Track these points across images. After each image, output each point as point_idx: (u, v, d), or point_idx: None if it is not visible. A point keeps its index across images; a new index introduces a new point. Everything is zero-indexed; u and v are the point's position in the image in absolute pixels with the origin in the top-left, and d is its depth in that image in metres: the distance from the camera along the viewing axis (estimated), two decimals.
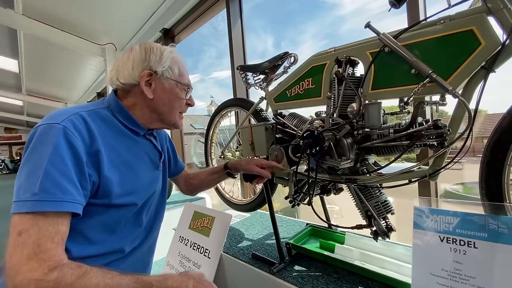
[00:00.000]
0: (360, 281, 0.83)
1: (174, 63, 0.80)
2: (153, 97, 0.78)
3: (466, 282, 0.63)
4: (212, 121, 1.53)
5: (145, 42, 0.83)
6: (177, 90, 0.81)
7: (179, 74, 0.82)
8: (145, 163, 0.82)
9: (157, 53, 0.78)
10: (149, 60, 0.77)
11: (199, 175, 1.13)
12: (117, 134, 0.75)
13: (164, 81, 0.79)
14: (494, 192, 0.65)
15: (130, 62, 0.77)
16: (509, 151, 0.62)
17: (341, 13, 36.49)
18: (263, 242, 1.19)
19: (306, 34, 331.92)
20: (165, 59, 0.78)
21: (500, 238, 0.61)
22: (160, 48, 0.80)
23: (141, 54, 0.78)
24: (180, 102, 0.84)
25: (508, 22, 0.60)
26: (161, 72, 0.77)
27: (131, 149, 0.78)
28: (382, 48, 0.75)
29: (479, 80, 0.65)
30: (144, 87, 0.76)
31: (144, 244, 0.85)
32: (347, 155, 0.78)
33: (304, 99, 0.99)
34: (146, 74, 0.76)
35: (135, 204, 0.76)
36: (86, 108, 0.71)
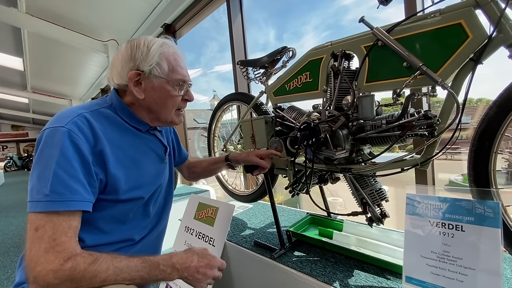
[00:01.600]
0: (356, 264, 0.88)
1: (163, 59, 0.75)
2: (144, 97, 0.76)
3: (453, 263, 0.67)
4: (214, 115, 1.57)
5: (136, 38, 0.78)
6: (168, 88, 0.77)
7: (171, 69, 0.76)
8: (150, 158, 0.84)
9: (143, 50, 0.74)
10: (135, 58, 0.73)
11: (201, 164, 1.19)
12: (121, 132, 0.76)
13: (153, 79, 0.75)
14: (481, 179, 0.68)
15: (119, 62, 0.75)
16: (495, 139, 0.66)
17: (344, 3, 35.45)
18: (264, 230, 1.24)
19: (308, 25, 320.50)
20: (152, 56, 0.74)
21: (485, 222, 0.65)
22: (148, 43, 0.75)
23: (127, 52, 0.75)
24: (174, 100, 0.79)
25: (495, 15, 0.62)
26: (148, 70, 0.74)
27: (135, 145, 0.79)
28: (376, 42, 0.78)
29: (467, 72, 0.67)
30: (133, 88, 0.74)
31: (153, 232, 0.89)
32: (343, 146, 0.82)
33: (302, 93, 1.02)
34: (133, 75, 0.73)
35: (141, 197, 0.80)
36: (89, 108, 0.72)
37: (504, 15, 0.61)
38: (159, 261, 0.67)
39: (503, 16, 0.61)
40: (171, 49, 0.78)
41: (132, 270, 0.63)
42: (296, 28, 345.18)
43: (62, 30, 3.66)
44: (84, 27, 3.71)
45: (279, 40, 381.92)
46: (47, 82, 6.90)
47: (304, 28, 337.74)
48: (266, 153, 1.02)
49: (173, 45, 0.80)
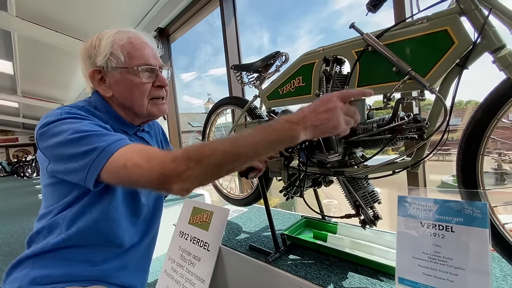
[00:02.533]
0: (350, 266, 0.88)
1: (116, 47, 0.70)
2: (112, 93, 0.73)
3: (444, 263, 0.68)
4: (208, 119, 1.57)
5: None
6: (130, 77, 0.71)
7: (128, 56, 0.70)
8: None
9: (96, 44, 0.70)
10: (90, 55, 0.71)
11: None
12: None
13: (113, 72, 0.70)
14: (469, 180, 0.70)
15: (81, 64, 0.74)
16: (482, 141, 0.68)
17: (336, 7, 35.36)
18: (259, 234, 1.25)
19: (302, 29, 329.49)
20: (104, 47, 0.69)
21: (474, 222, 0.66)
22: (99, 36, 0.72)
23: (83, 52, 0.72)
24: (141, 89, 0.73)
25: (479, 22, 0.64)
26: (104, 63, 0.70)
27: None
28: (366, 48, 0.80)
29: (454, 77, 0.69)
30: (98, 87, 0.72)
31: (145, 239, 0.86)
32: (335, 149, 0.83)
33: (295, 97, 1.03)
34: (91, 73, 0.71)
35: (131, 200, 0.77)
36: (76, 106, 0.70)
37: (488, 22, 0.63)
38: (271, 122, 0.58)
39: (487, 23, 0.63)
40: (125, 34, 0.72)
41: (247, 136, 0.55)
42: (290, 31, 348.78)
43: (53, 33, 3.61)
44: (76, 31, 3.67)
45: (273, 44, 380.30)
46: (38, 86, 6.79)
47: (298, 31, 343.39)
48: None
49: (129, 30, 0.74)
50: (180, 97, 0.91)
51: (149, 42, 0.77)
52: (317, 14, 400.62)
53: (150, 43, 0.78)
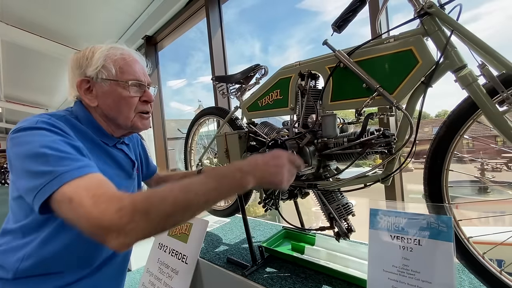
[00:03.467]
0: (325, 279, 0.88)
1: (109, 61, 0.73)
2: (98, 104, 0.74)
3: (412, 276, 0.69)
4: (191, 129, 1.57)
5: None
6: (119, 90, 0.73)
7: (119, 71, 0.73)
8: (118, 174, 0.80)
9: (88, 55, 0.73)
10: (81, 65, 0.72)
11: (171, 178, 1.14)
12: (89, 143, 0.71)
13: (102, 83, 0.73)
14: (435, 194, 0.72)
15: (69, 73, 0.75)
16: (446, 157, 0.70)
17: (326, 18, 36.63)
18: (239, 246, 1.23)
19: (292, 39, 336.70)
20: (97, 59, 0.72)
21: (440, 236, 0.68)
22: (93, 49, 0.74)
23: (74, 62, 0.74)
24: (129, 102, 0.75)
25: (442, 43, 0.67)
26: (94, 75, 0.72)
27: (103, 161, 0.75)
28: (338, 64, 0.82)
29: (420, 94, 0.72)
30: (84, 96, 0.73)
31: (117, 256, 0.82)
32: (309, 162, 0.84)
33: (273, 109, 1.04)
34: (79, 82, 0.72)
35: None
36: (56, 115, 0.68)
37: (450, 43, 0.66)
38: (222, 169, 0.59)
39: (449, 43, 0.66)
40: (118, 50, 0.75)
41: (198, 183, 0.54)
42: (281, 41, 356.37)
43: (39, 39, 3.55)
44: (62, 37, 3.62)
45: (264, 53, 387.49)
46: (22, 91, 6.61)
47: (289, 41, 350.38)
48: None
49: (122, 47, 0.77)
50: (169, 103, 0.90)
51: (140, 61, 0.81)
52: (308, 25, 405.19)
53: (141, 61, 0.81)
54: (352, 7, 0.73)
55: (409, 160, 0.74)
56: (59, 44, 3.78)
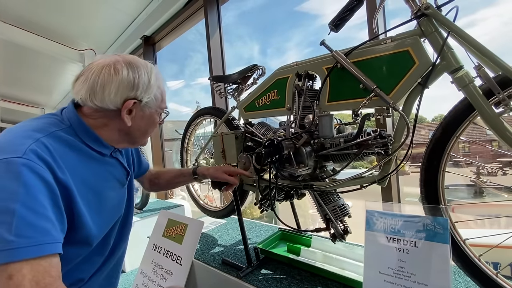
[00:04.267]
0: (321, 281, 0.88)
1: (158, 89, 0.75)
2: (131, 124, 0.72)
3: (408, 278, 0.69)
4: (187, 129, 1.56)
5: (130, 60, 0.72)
6: (155, 116, 0.78)
7: (160, 99, 0.77)
8: (111, 186, 0.78)
9: (145, 80, 0.71)
10: (137, 88, 0.70)
11: (165, 175, 1.14)
12: (83, 159, 0.68)
13: (146, 109, 0.74)
14: (432, 195, 0.72)
15: (114, 85, 0.67)
16: (443, 158, 0.70)
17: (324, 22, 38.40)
18: (235, 247, 1.22)
19: (291, 42, 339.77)
20: (153, 87, 0.73)
21: (436, 237, 0.67)
22: (147, 71, 0.73)
23: (128, 79, 0.68)
24: (154, 126, 0.80)
25: (438, 44, 0.67)
26: (146, 101, 0.72)
27: (97, 174, 0.72)
28: (335, 64, 0.82)
29: (416, 95, 0.72)
30: (124, 115, 0.70)
31: (108, 264, 0.82)
32: (306, 163, 0.83)
33: (270, 109, 1.04)
34: (129, 103, 0.69)
35: (100, 235, 0.72)
36: (45, 131, 0.62)
37: (446, 44, 0.66)
38: None
39: (445, 45, 0.66)
40: (161, 80, 0.78)
41: None
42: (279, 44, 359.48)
43: (36, 38, 3.53)
44: (60, 36, 3.61)
45: (263, 55, 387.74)
46: (19, 90, 6.57)
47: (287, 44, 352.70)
48: (235, 171, 1.01)
49: (160, 73, 0.79)
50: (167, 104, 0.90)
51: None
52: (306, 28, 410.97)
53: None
54: (349, 6, 0.73)
55: (405, 162, 0.74)
56: (57, 43, 3.76)
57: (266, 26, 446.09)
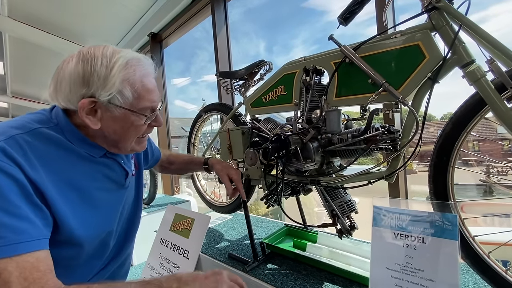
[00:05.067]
0: (327, 276, 0.88)
1: (126, 84, 0.61)
2: (101, 126, 0.63)
3: (415, 274, 0.68)
4: (194, 125, 1.57)
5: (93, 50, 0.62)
6: (132, 118, 0.64)
7: (136, 96, 0.63)
8: (106, 187, 0.72)
9: (101, 72, 0.59)
10: (90, 84, 0.59)
11: (176, 161, 1.15)
12: (69, 157, 0.63)
13: (113, 109, 0.61)
14: (440, 192, 0.71)
15: (66, 82, 0.60)
16: (452, 154, 0.69)
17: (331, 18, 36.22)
18: (241, 242, 1.23)
19: (297, 39, 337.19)
20: (113, 82, 0.59)
21: (444, 234, 0.67)
22: (107, 62, 0.60)
23: (77, 72, 0.59)
24: (138, 129, 0.67)
25: (450, 38, 0.66)
26: (106, 100, 0.60)
27: (87, 175, 0.67)
28: (344, 59, 0.81)
29: (426, 90, 0.71)
30: (85, 117, 0.60)
31: (110, 266, 0.80)
32: (312, 158, 0.83)
33: (277, 105, 1.04)
34: (86, 104, 0.59)
35: (93, 238, 0.68)
36: (25, 127, 0.58)
37: (458, 38, 0.65)
38: (161, 279, 0.57)
39: (457, 38, 0.65)
40: (138, 70, 0.63)
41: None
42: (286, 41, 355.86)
43: (46, 35, 3.59)
44: (68, 33, 3.66)
45: (269, 52, 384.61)
46: (29, 86, 6.70)
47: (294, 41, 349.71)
48: (237, 181, 0.99)
49: (141, 63, 0.65)
50: (173, 101, 0.90)
51: (153, 73, 0.69)
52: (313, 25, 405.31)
53: (153, 72, 0.69)
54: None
55: (414, 158, 0.73)
56: (66, 41, 3.81)
57: (272, 23, 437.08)
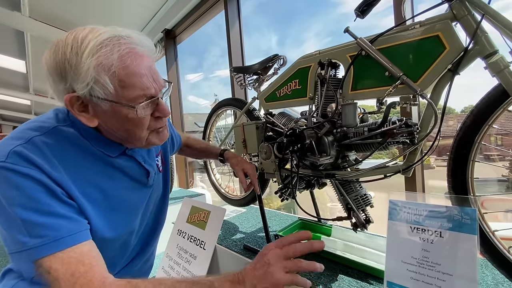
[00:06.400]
0: (341, 269, 0.89)
1: (103, 73, 0.51)
2: (99, 123, 0.58)
3: (432, 268, 0.68)
4: (209, 120, 1.60)
5: (67, 34, 0.54)
6: (124, 111, 0.55)
7: (120, 85, 0.53)
8: (127, 186, 0.70)
9: (72, 62, 0.50)
10: (65, 76, 0.52)
11: (193, 146, 1.16)
12: (87, 156, 0.61)
13: (100, 103, 0.54)
14: (460, 186, 0.70)
15: (48, 78, 0.55)
16: (472, 147, 0.67)
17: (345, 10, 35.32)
18: (255, 234, 1.26)
19: (310, 32, 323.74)
20: (85, 71, 0.50)
21: (463, 228, 0.66)
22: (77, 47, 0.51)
23: (51, 65, 0.53)
24: (138, 123, 0.58)
25: (472, 28, 0.64)
26: (86, 94, 0.52)
27: (105, 174, 0.64)
28: (360, 52, 0.80)
29: (446, 82, 0.69)
30: (78, 115, 0.56)
31: (134, 263, 0.81)
32: (328, 152, 0.84)
33: (291, 99, 1.04)
34: (70, 99, 0.53)
35: (114, 239, 0.67)
36: (43, 128, 0.57)
37: (480, 28, 0.63)
38: (211, 279, 0.54)
39: (479, 28, 0.63)
40: (115, 51, 0.51)
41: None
42: (298, 34, 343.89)
43: (64, 34, 3.71)
44: None
45: (281, 46, 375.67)
46: None
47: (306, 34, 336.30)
48: (251, 176, 0.99)
49: (121, 41, 0.53)
50: (187, 97, 0.92)
51: (145, 53, 0.57)
52: (325, 17, 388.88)
53: (146, 52, 0.58)
54: None
55: (432, 151, 0.72)
56: None
57: (284, 15, 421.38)
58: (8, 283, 0.66)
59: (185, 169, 3.27)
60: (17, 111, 11.94)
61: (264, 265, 0.53)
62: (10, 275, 0.69)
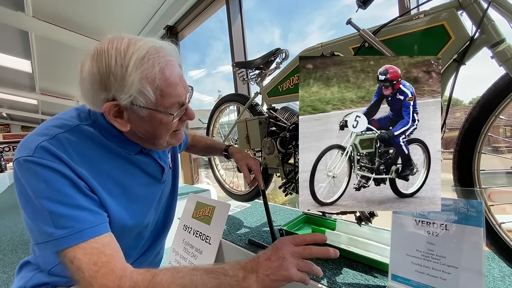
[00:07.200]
0: (345, 262, 0.89)
1: (147, 84, 0.56)
2: (131, 128, 0.62)
3: (437, 261, 0.68)
4: (212, 116, 1.60)
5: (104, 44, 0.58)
6: (159, 117, 0.61)
7: (160, 95, 0.58)
8: (143, 182, 0.74)
9: (117, 73, 0.54)
10: (109, 87, 0.56)
11: (198, 144, 1.17)
12: (107, 153, 0.65)
13: (138, 110, 0.58)
14: (465, 178, 0.69)
15: (87, 88, 0.58)
16: (479, 139, 0.66)
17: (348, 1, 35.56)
18: (260, 229, 1.26)
19: (313, 25, 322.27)
20: (130, 83, 0.55)
21: (469, 221, 0.65)
22: (122, 60, 0.55)
23: (95, 76, 0.56)
24: (169, 126, 0.64)
25: (477, 16, 0.63)
26: (128, 103, 0.57)
27: (124, 170, 0.68)
28: (363, 44, 0.79)
29: (451, 73, 0.68)
30: (113, 121, 0.60)
31: (146, 256, 0.84)
32: None
33: (294, 93, 1.03)
34: (109, 107, 0.57)
35: (131, 228, 0.71)
36: (67, 126, 0.61)
37: (487, 16, 0.62)
38: (225, 267, 0.56)
39: (486, 16, 0.62)
40: (156, 64, 0.57)
41: (199, 285, 0.53)
42: (301, 27, 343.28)
43: (68, 32, 3.73)
44: (88, 30, 3.78)
45: (284, 40, 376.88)
46: (55, 83, 7.04)
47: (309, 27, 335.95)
48: (255, 171, 1.00)
49: (160, 53, 0.59)
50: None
51: (176, 61, 0.63)
52: (329, 10, 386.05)
53: (177, 61, 0.64)
54: None
55: None
56: (85, 37, 3.94)
57: (287, 9, 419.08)
58: (26, 275, 0.70)
59: (190, 166, 3.30)
60: (25, 110, 12.14)
61: (279, 258, 0.55)
62: (27, 267, 0.73)
